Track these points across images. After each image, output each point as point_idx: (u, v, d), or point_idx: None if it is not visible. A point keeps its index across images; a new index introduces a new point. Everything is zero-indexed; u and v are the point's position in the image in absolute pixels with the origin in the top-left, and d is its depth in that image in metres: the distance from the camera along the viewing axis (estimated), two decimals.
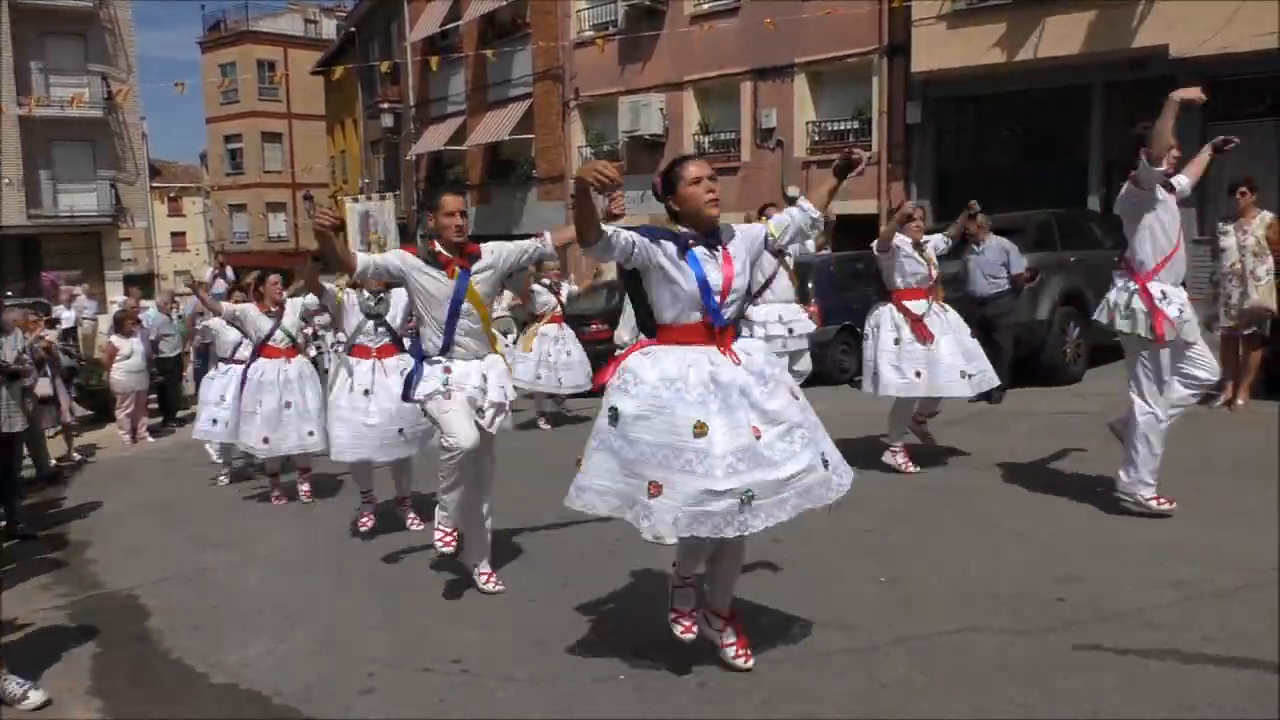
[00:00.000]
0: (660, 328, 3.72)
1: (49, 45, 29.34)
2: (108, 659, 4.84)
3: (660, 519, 3.47)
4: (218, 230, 50.01)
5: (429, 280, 4.93)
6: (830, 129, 18.17)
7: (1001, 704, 3.53)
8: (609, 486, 3.61)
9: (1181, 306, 5.38)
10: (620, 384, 3.64)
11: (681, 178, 3.70)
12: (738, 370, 3.58)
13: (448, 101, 26.79)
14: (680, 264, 3.62)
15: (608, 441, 3.62)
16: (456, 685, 4.09)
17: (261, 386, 7.78)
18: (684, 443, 3.46)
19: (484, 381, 4.97)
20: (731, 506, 3.43)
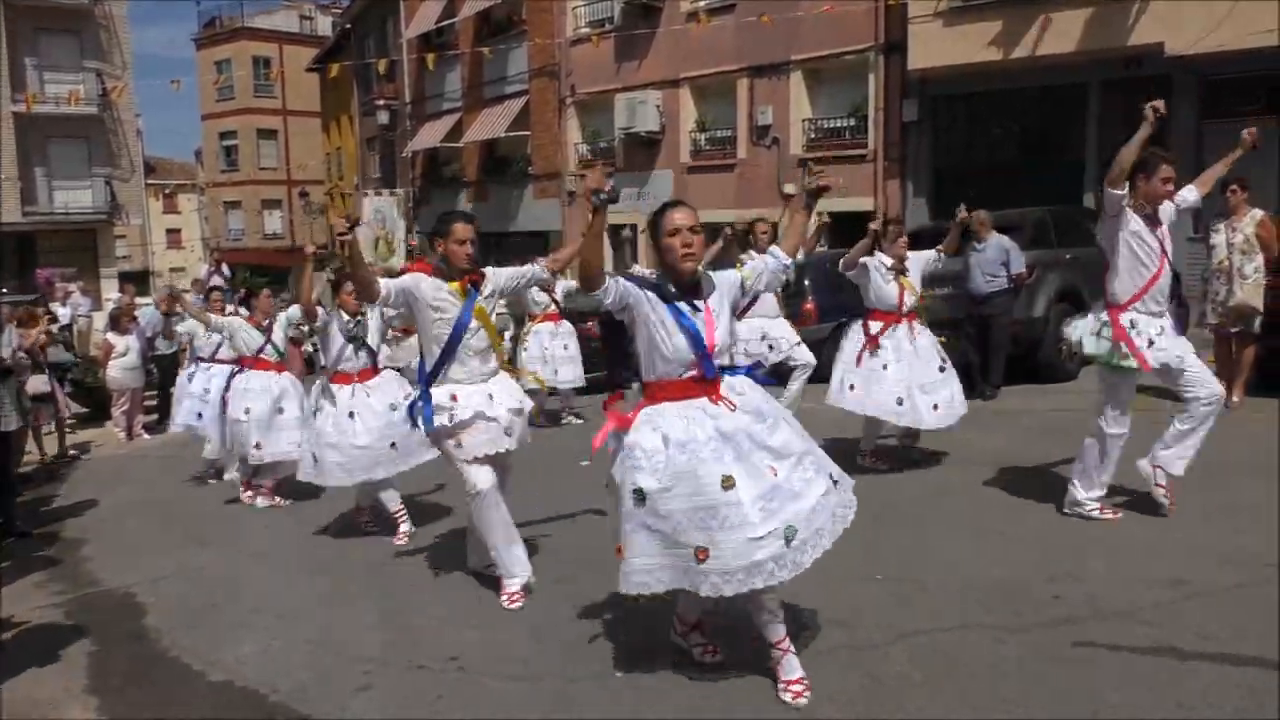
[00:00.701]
0: (649, 384, 3.73)
1: (44, 42, 29.25)
2: (104, 657, 4.84)
3: (717, 580, 3.46)
4: (213, 227, 49.91)
5: (441, 299, 4.92)
6: (826, 126, 18.16)
7: (998, 701, 3.54)
8: (657, 564, 3.59)
9: (1152, 337, 5.28)
10: (632, 464, 3.61)
11: (663, 227, 3.70)
12: (737, 416, 3.61)
13: (444, 98, 26.75)
14: (667, 320, 3.65)
15: (642, 522, 3.59)
16: (453, 683, 4.10)
17: (248, 394, 7.81)
18: (716, 500, 3.46)
19: (490, 401, 4.94)
20: (779, 549, 3.45)
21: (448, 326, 4.90)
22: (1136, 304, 5.34)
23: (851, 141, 17.66)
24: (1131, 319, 5.32)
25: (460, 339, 4.91)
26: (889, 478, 6.88)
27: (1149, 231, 5.31)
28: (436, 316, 4.91)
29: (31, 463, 10.59)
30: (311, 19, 48.50)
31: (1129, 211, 5.29)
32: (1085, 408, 8.80)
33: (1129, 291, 5.36)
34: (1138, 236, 5.30)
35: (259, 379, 7.89)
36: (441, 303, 4.91)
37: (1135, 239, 5.31)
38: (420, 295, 4.91)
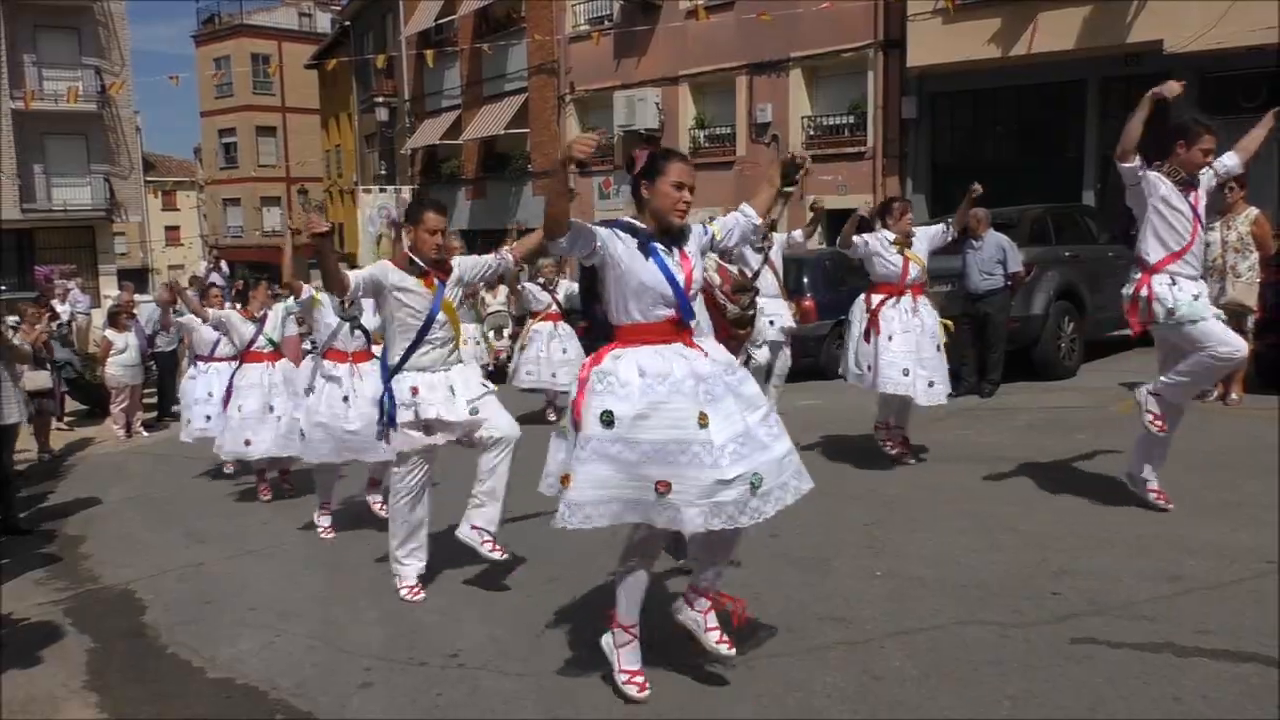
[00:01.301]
0: (622, 328, 3.62)
1: (42, 39, 29.24)
2: (103, 654, 4.84)
3: (674, 514, 3.38)
4: (212, 224, 49.93)
5: (409, 291, 4.95)
6: (826, 124, 18.17)
7: (996, 697, 3.54)
8: (607, 495, 3.46)
9: (1196, 293, 5.25)
10: (604, 388, 3.49)
11: (664, 173, 3.60)
12: (710, 361, 3.57)
13: (443, 96, 26.74)
14: (643, 259, 3.57)
15: (602, 449, 3.45)
16: (453, 679, 4.10)
17: (241, 390, 7.88)
18: (690, 435, 3.38)
19: (451, 394, 4.99)
20: (744, 494, 3.38)
21: (415, 318, 4.96)
22: (1172, 265, 5.31)
23: (850, 139, 17.67)
24: (1172, 277, 5.29)
25: (428, 330, 4.97)
26: (888, 474, 6.89)
27: (1180, 197, 5.28)
28: (403, 308, 4.96)
29: (28, 460, 10.59)
30: (310, 16, 48.47)
31: (1152, 178, 5.27)
32: (1084, 405, 8.86)
33: (1160, 255, 5.34)
34: (1167, 203, 5.28)
35: (253, 373, 7.94)
36: (409, 295, 4.95)
37: (1164, 205, 5.29)
38: (388, 285, 4.95)
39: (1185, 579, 4.49)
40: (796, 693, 3.67)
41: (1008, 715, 3.43)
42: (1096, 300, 10.59)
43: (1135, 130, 5.16)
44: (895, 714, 3.51)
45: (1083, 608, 4.26)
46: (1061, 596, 4.41)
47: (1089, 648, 3.87)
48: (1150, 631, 3.96)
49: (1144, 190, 5.33)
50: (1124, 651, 3.82)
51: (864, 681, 3.74)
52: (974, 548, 5.19)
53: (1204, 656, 3.72)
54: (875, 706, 3.56)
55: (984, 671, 3.72)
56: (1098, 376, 10.21)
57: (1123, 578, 4.56)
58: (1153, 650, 3.80)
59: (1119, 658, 3.77)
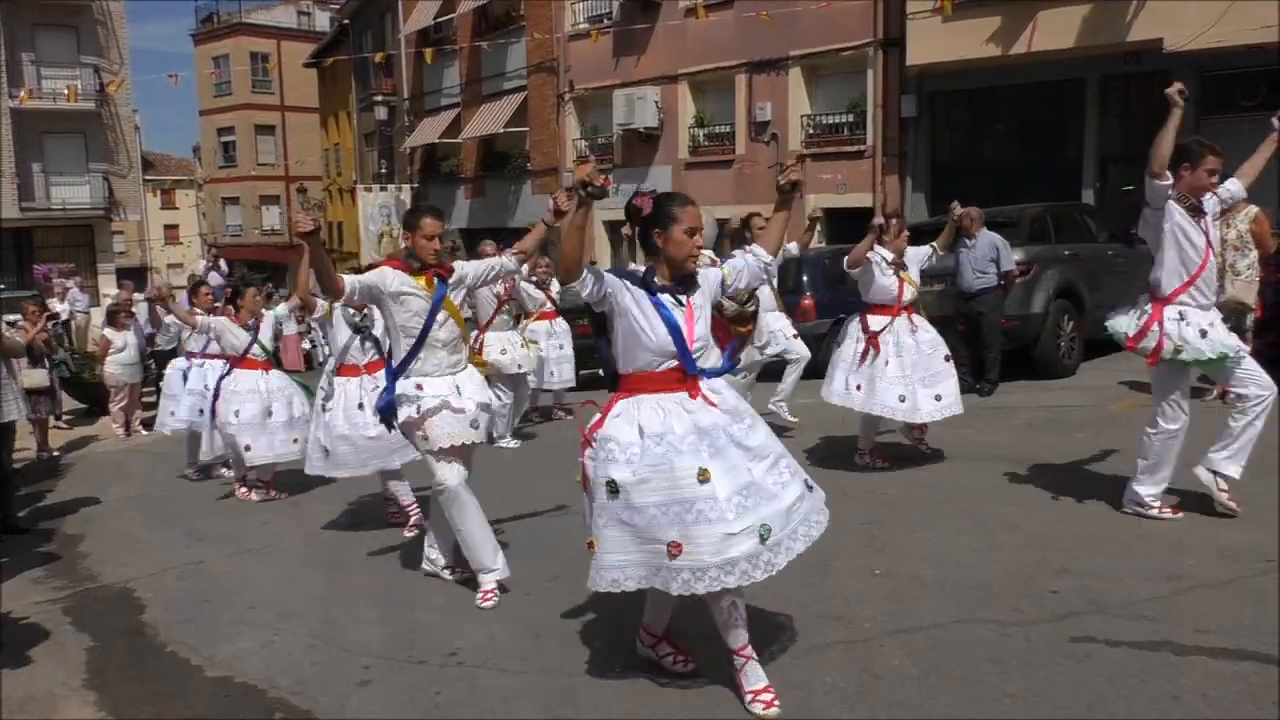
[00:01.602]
0: (626, 376, 3.63)
1: (40, 37, 29.22)
2: (102, 652, 4.84)
3: (689, 577, 3.37)
4: (211, 223, 49.89)
5: (409, 292, 4.93)
6: (825, 122, 18.15)
7: (996, 696, 3.54)
8: (629, 560, 3.50)
9: (1204, 328, 5.19)
10: (606, 455, 3.53)
11: (678, 220, 3.59)
12: (714, 412, 3.54)
13: (442, 94, 26.72)
14: (650, 311, 3.57)
15: (614, 516, 3.50)
16: (452, 678, 4.10)
17: (237, 395, 7.85)
18: (692, 493, 3.38)
19: (459, 392, 4.96)
20: (754, 548, 3.37)
21: (416, 319, 4.93)
22: (1183, 295, 5.25)
23: (850, 137, 17.66)
24: (1180, 310, 5.23)
25: (429, 331, 4.94)
26: (888, 474, 6.88)
27: (1192, 224, 5.23)
28: (404, 310, 4.93)
29: (26, 459, 10.59)
30: (309, 14, 48.45)
31: (1172, 203, 5.22)
32: (1083, 404, 8.86)
33: (1174, 284, 5.27)
34: (1181, 229, 5.23)
35: (247, 380, 7.93)
36: (409, 296, 4.92)
37: (1179, 231, 5.23)
38: (386, 289, 4.91)
39: (1184, 578, 4.49)
40: (796, 692, 3.67)
41: (1007, 714, 3.44)
42: (1096, 299, 10.58)
43: (1167, 144, 5.07)
44: (895, 713, 3.51)
45: (1082, 607, 4.26)
46: (1061, 595, 4.41)
47: (1089, 646, 3.87)
48: (1149, 630, 3.96)
49: (1163, 215, 5.24)
50: (1123, 650, 3.82)
51: (863, 680, 3.74)
52: (973, 547, 5.19)
53: (1203, 655, 3.72)
54: (875, 706, 3.56)
55: (984, 670, 3.73)
56: (1097, 375, 10.20)
57: (1122, 577, 4.56)
58: (1152, 649, 3.81)
59: (1118, 656, 3.78)
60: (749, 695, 3.56)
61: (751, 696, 3.55)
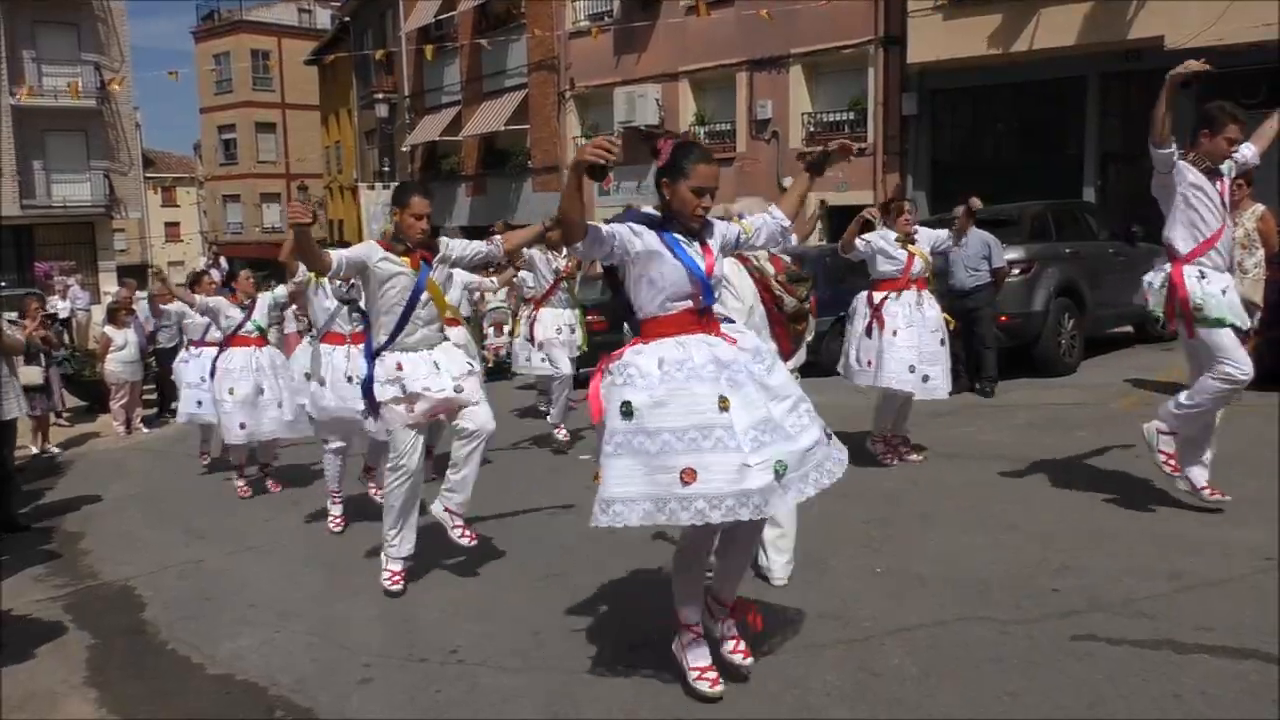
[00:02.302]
0: (645, 322, 3.57)
1: (42, 35, 29.22)
2: (103, 650, 4.84)
3: (703, 505, 3.28)
4: (212, 221, 49.90)
5: (394, 271, 4.99)
6: (826, 120, 18.15)
7: (996, 694, 3.54)
8: (636, 492, 3.36)
9: (1225, 287, 5.19)
10: (623, 380, 3.45)
11: (687, 175, 3.52)
12: (735, 349, 3.49)
13: (442, 92, 26.72)
14: (660, 249, 3.51)
15: (626, 442, 3.39)
16: (453, 676, 4.10)
17: (229, 374, 7.94)
18: (712, 419, 3.31)
19: (436, 369, 5.05)
20: (770, 482, 3.30)
21: (400, 297, 4.99)
22: (1201, 257, 5.24)
23: (851, 135, 17.60)
24: (1200, 270, 5.22)
25: (413, 310, 5.01)
26: (888, 471, 6.88)
27: (1210, 186, 5.20)
28: (389, 287, 4.99)
29: (25, 457, 10.59)
30: (310, 12, 48.44)
31: (1181, 165, 5.18)
32: (1084, 402, 8.85)
33: (1189, 245, 5.25)
34: (1197, 190, 5.19)
35: (240, 357, 7.99)
36: (394, 274, 4.99)
37: (1195, 192, 5.19)
38: (372, 265, 4.98)
39: (1185, 576, 4.49)
40: (795, 690, 3.66)
41: (1007, 712, 3.43)
42: (1097, 297, 10.58)
43: (1164, 115, 5.05)
44: (894, 711, 3.51)
45: (1083, 605, 4.25)
46: (1062, 594, 4.40)
47: (1089, 645, 3.87)
48: (1150, 629, 3.96)
49: (1174, 178, 5.21)
50: (1124, 649, 3.82)
51: (863, 679, 3.74)
52: (974, 545, 5.18)
53: (1204, 653, 3.72)
54: (874, 704, 3.56)
55: (984, 669, 3.72)
56: (1098, 373, 10.20)
57: (1123, 575, 4.56)
58: (1153, 647, 3.80)
59: (1119, 655, 3.77)
60: (693, 671, 3.62)
61: (697, 674, 3.61)
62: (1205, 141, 5.21)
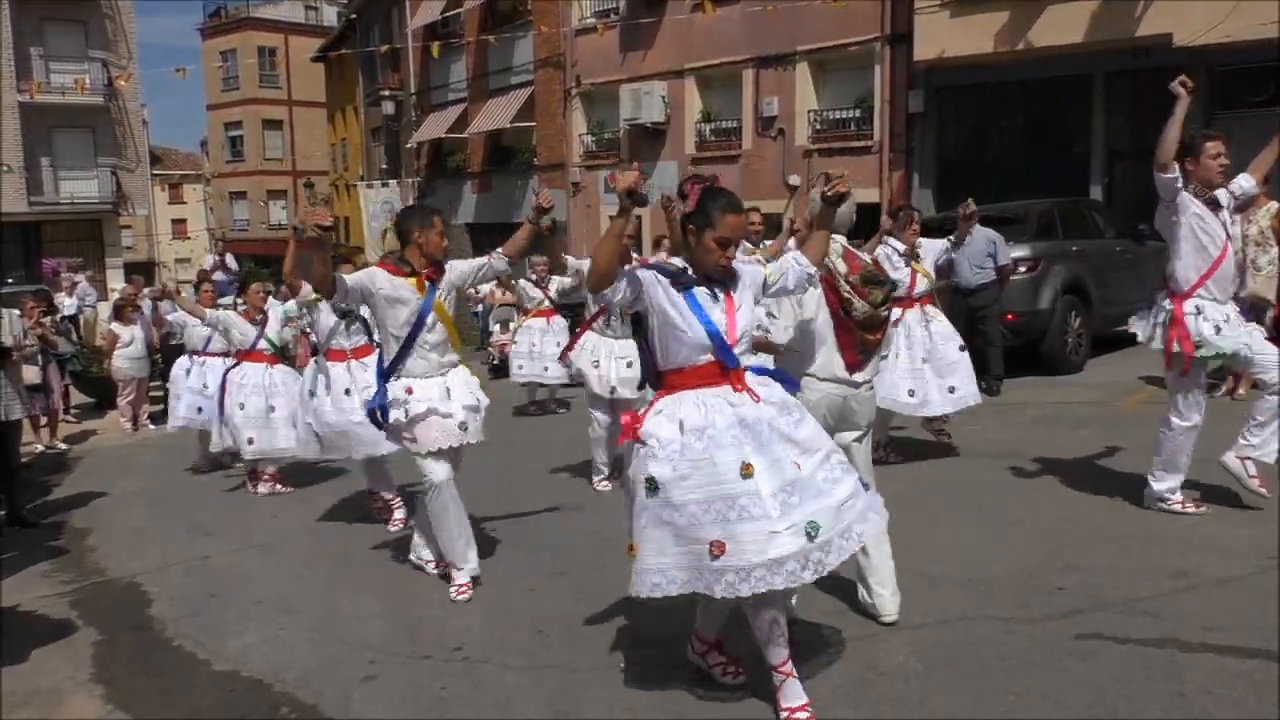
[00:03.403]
0: (668, 373, 3.49)
1: (49, 31, 29.23)
2: (109, 646, 4.86)
3: (733, 578, 3.20)
4: (218, 218, 49.95)
5: (400, 294, 4.92)
6: (832, 118, 18.10)
7: (999, 692, 3.54)
8: (671, 563, 3.32)
9: (1219, 324, 5.18)
10: (645, 453, 3.38)
11: (714, 226, 3.43)
12: (760, 406, 3.40)
13: (448, 89, 26.71)
14: (680, 306, 3.43)
15: (655, 515, 3.34)
16: (457, 673, 4.11)
17: (243, 389, 7.93)
18: (735, 489, 3.24)
19: (448, 395, 4.97)
20: (802, 546, 3.21)
21: (406, 319, 4.92)
22: (1200, 290, 5.24)
23: (857, 133, 17.60)
24: (1197, 305, 5.22)
25: (419, 333, 4.93)
26: (892, 469, 6.87)
27: (1211, 215, 5.21)
28: (395, 311, 4.93)
29: (30, 453, 10.61)
30: (316, 9, 48.44)
31: (1186, 195, 5.19)
32: (1090, 400, 8.84)
33: (1192, 278, 5.25)
34: (1199, 220, 5.19)
35: (253, 373, 7.99)
36: (400, 297, 4.92)
37: (1197, 222, 5.19)
38: (377, 290, 4.90)
39: (1189, 575, 4.48)
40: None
41: (1011, 710, 3.43)
42: (1103, 295, 10.55)
43: (1173, 138, 5.05)
44: (898, 709, 3.51)
45: (1087, 604, 4.25)
46: (1066, 592, 4.40)
47: (1093, 643, 3.87)
48: (1154, 627, 3.96)
49: (1177, 209, 5.21)
50: (1128, 647, 3.82)
51: (867, 677, 3.74)
52: (979, 543, 5.18)
53: (1208, 652, 3.72)
54: (878, 702, 3.56)
55: (988, 667, 3.72)
56: (1104, 372, 10.18)
57: (1127, 573, 4.56)
58: (1157, 646, 3.80)
59: (1123, 654, 3.77)
60: (784, 712, 3.41)
61: (787, 714, 3.40)
62: (1193, 169, 5.20)
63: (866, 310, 3.87)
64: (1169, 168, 5.11)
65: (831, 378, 3.99)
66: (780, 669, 3.43)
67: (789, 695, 3.42)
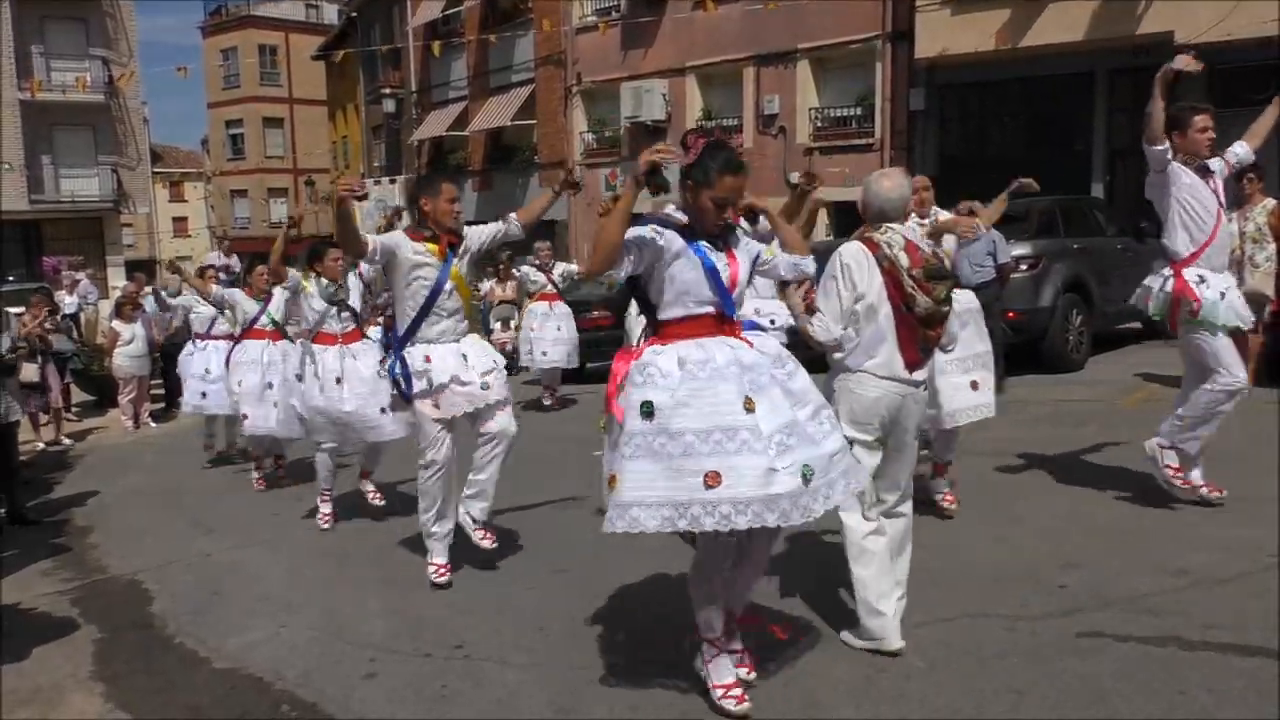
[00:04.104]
0: (666, 324, 3.46)
1: (50, 29, 29.22)
2: (110, 644, 4.85)
3: (729, 509, 3.14)
4: (219, 216, 49.95)
5: (420, 261, 4.99)
6: (833, 115, 18.11)
7: (1002, 690, 3.53)
8: (655, 497, 3.21)
9: (1224, 289, 5.20)
10: (643, 380, 3.32)
11: (712, 184, 3.39)
12: (756, 353, 3.40)
13: (449, 87, 26.71)
14: (688, 255, 3.41)
15: (646, 444, 3.25)
16: (458, 670, 4.11)
17: (240, 366, 8.03)
18: (737, 420, 3.19)
19: (464, 361, 5.03)
20: (797, 486, 3.17)
21: (425, 286, 4.98)
22: (1199, 259, 5.24)
23: (858, 130, 17.61)
24: (1200, 274, 5.22)
25: (436, 299, 4.99)
26: None
27: (1202, 185, 5.21)
28: (415, 276, 4.98)
29: (30, 451, 10.62)
30: (317, 7, 48.44)
31: (1176, 166, 5.19)
32: (1092, 398, 8.83)
33: (1189, 248, 5.25)
34: (1192, 190, 5.20)
35: (253, 349, 8.09)
36: (421, 263, 4.98)
37: (1190, 193, 5.20)
38: (401, 253, 4.98)
39: (1191, 573, 4.48)
40: (801, 685, 3.66)
41: (1013, 708, 3.43)
42: (1105, 293, 10.54)
43: (1159, 112, 5.09)
44: (900, 707, 3.50)
45: (1089, 601, 4.25)
46: (1068, 590, 4.40)
47: (1095, 641, 3.86)
48: (1156, 625, 3.95)
49: (1168, 179, 5.22)
50: (1130, 645, 3.81)
51: (869, 674, 3.73)
52: (980, 540, 5.18)
53: (1210, 650, 3.71)
54: (880, 699, 3.56)
55: (990, 665, 3.72)
56: (1106, 370, 10.17)
57: (1129, 572, 4.55)
58: (1159, 644, 3.79)
59: (1125, 651, 3.77)
60: (719, 690, 3.48)
61: (722, 691, 3.48)
62: (1179, 140, 5.22)
63: (929, 306, 3.74)
64: (1159, 139, 5.15)
65: (891, 376, 3.82)
66: (717, 642, 3.54)
67: (720, 673, 3.52)
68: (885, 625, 3.82)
